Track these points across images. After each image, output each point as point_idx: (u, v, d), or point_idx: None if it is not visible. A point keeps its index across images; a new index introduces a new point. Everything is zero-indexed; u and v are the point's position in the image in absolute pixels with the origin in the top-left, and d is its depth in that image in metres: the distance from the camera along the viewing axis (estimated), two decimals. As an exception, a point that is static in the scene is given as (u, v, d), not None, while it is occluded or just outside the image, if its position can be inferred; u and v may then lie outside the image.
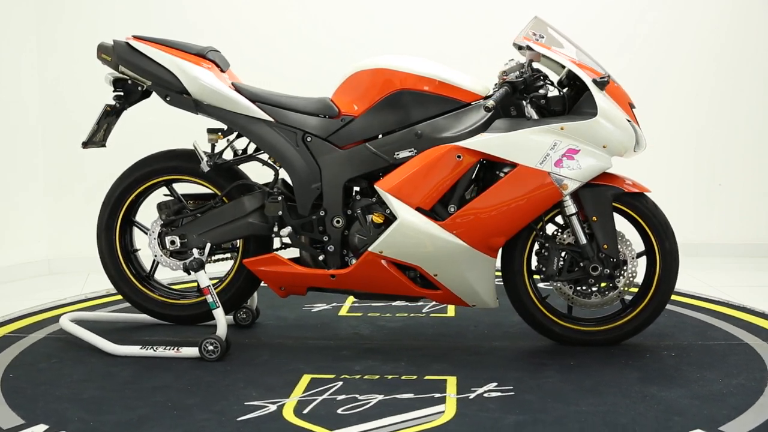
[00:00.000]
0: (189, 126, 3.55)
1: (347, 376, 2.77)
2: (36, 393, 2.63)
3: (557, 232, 3.03)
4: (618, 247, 2.94)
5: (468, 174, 2.89)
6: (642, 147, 2.96)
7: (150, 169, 3.17)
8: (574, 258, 2.97)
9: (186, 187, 3.23)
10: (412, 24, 4.73)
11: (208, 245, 3.07)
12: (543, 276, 2.99)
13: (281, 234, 3.03)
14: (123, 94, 3.13)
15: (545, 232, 3.02)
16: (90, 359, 2.96)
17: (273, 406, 2.52)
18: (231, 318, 3.32)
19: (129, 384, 2.71)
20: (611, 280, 2.95)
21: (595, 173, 2.89)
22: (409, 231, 2.87)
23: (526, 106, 2.93)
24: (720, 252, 4.86)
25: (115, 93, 3.14)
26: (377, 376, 2.77)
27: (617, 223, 2.97)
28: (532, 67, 2.95)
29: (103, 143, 3.20)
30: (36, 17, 4.47)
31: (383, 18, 4.73)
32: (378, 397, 2.57)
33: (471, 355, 3.00)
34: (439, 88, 2.94)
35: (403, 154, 2.93)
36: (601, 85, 2.85)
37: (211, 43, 3.17)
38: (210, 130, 3.09)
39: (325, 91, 3.12)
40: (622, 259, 2.96)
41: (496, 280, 2.99)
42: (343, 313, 3.58)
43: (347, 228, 3.01)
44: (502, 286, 3.06)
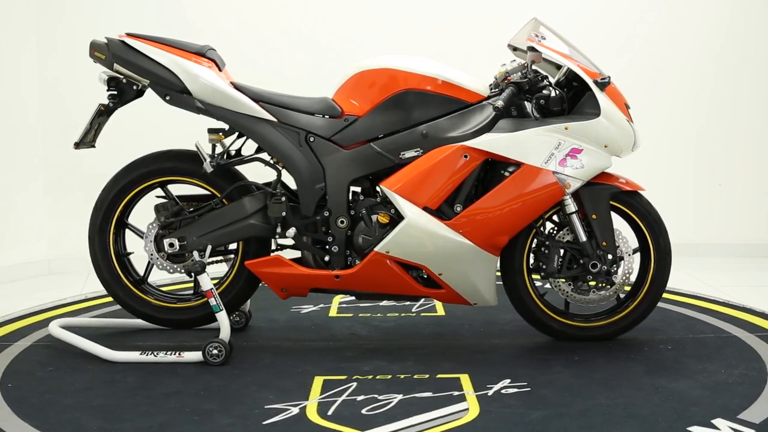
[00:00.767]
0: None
1: (359, 377, 2.77)
2: (42, 402, 2.57)
3: (554, 230, 3.08)
4: (616, 244, 2.99)
5: (474, 173, 2.92)
6: (638, 146, 3.03)
7: (146, 171, 3.10)
8: (573, 255, 3.01)
9: (178, 189, 3.17)
10: (412, 24, 4.73)
11: (209, 247, 3.02)
12: (543, 273, 3.03)
13: (288, 235, 3.00)
14: (116, 93, 3.05)
15: (545, 230, 3.07)
16: (87, 366, 2.89)
17: (294, 408, 2.50)
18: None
19: (137, 390, 2.67)
20: (609, 276, 3.01)
21: (597, 172, 2.96)
22: (417, 231, 2.88)
23: (530, 106, 2.98)
24: (720, 252, 4.86)
25: (110, 92, 3.05)
26: (389, 376, 2.77)
27: (613, 221, 3.03)
28: (532, 69, 2.98)
29: (93, 144, 3.12)
30: (36, 17, 4.46)
31: (383, 18, 4.73)
32: (398, 397, 2.58)
33: (474, 353, 3.02)
34: (444, 88, 2.96)
35: (409, 154, 2.94)
36: (602, 86, 2.91)
37: (211, 43, 3.13)
38: (211, 130, 3.04)
39: (325, 91, 3.11)
40: (619, 256, 3.02)
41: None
42: (334, 314, 3.56)
43: (351, 228, 3.00)
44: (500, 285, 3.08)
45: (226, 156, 3.07)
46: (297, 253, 3.10)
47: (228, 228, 3.02)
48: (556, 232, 3.07)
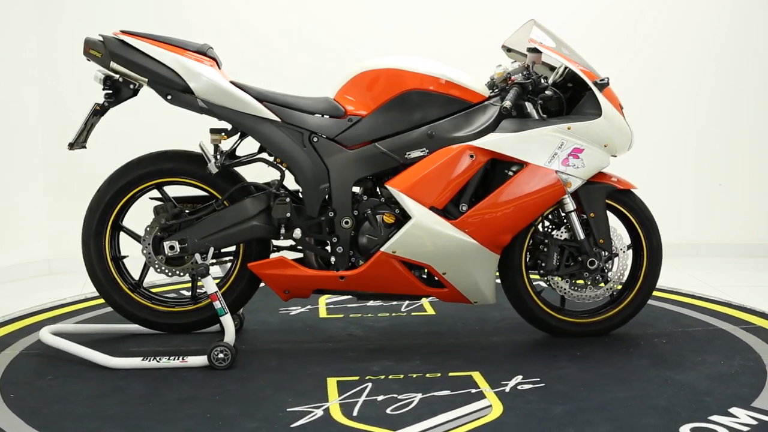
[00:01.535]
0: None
1: (371, 377, 2.76)
2: (53, 412, 2.49)
3: (550, 228, 3.13)
4: (611, 241, 3.06)
5: (479, 173, 2.94)
6: (632, 146, 3.10)
7: (144, 172, 3.02)
8: (571, 253, 3.07)
9: (173, 190, 3.10)
10: (412, 24, 4.73)
11: (211, 250, 2.97)
12: (543, 271, 3.08)
13: (294, 236, 2.96)
14: (111, 92, 2.95)
15: (543, 228, 3.13)
16: (88, 374, 2.81)
17: (318, 410, 2.48)
18: (217, 326, 3.17)
19: (150, 397, 2.60)
20: (606, 273, 3.08)
21: (596, 171, 3.02)
22: (424, 230, 2.89)
23: (530, 106, 3.00)
24: (720, 252, 4.86)
25: (106, 91, 2.96)
26: (401, 375, 2.78)
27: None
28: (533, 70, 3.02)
29: (84, 144, 3.00)
30: (36, 17, 4.46)
31: (383, 18, 4.73)
32: (417, 396, 2.59)
33: (477, 351, 3.05)
34: (448, 88, 2.98)
35: (415, 153, 2.94)
36: (601, 87, 2.97)
37: (211, 43, 3.08)
38: (213, 130, 2.98)
39: (325, 91, 3.11)
40: (614, 253, 3.09)
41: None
42: (324, 315, 3.54)
43: (355, 229, 2.99)
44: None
45: (229, 156, 3.00)
46: (294, 254, 3.09)
47: (231, 230, 2.97)
48: (551, 230, 3.11)
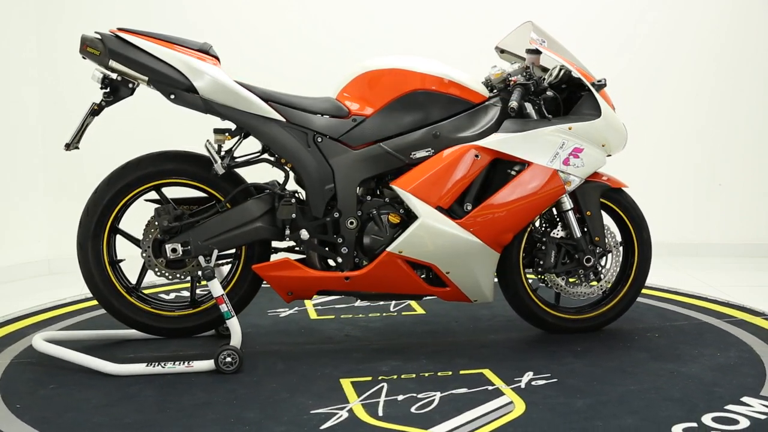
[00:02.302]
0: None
1: (384, 377, 2.75)
2: (66, 422, 2.39)
3: (545, 226, 3.17)
4: (606, 239, 3.12)
5: (483, 172, 2.96)
6: (625, 145, 3.15)
7: (144, 173, 2.94)
8: (567, 251, 3.12)
9: (170, 192, 3.05)
10: (412, 24, 4.74)
11: (215, 252, 2.92)
12: (540, 269, 3.13)
13: (302, 237, 2.93)
14: (109, 91, 2.86)
15: (540, 227, 3.17)
16: (90, 382, 2.71)
17: (341, 412, 2.45)
18: (212, 330, 3.16)
19: (165, 404, 2.52)
20: (599, 269, 3.14)
21: (594, 170, 3.07)
22: (431, 230, 2.91)
23: (529, 106, 3.02)
24: (720, 252, 4.87)
25: (104, 90, 2.87)
26: (413, 375, 2.77)
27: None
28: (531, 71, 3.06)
29: (77, 145, 2.91)
30: (36, 17, 4.46)
31: (383, 18, 4.73)
32: (437, 394, 2.59)
33: (480, 348, 3.06)
34: (451, 88, 2.99)
35: (420, 153, 2.95)
36: (599, 89, 3.03)
37: (212, 44, 3.07)
38: (217, 130, 2.95)
39: (326, 91, 3.10)
40: (608, 250, 3.14)
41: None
42: (315, 317, 3.53)
43: (359, 229, 2.98)
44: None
45: (233, 157, 2.95)
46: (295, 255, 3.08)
47: (235, 231, 2.92)
48: (547, 228, 3.15)
